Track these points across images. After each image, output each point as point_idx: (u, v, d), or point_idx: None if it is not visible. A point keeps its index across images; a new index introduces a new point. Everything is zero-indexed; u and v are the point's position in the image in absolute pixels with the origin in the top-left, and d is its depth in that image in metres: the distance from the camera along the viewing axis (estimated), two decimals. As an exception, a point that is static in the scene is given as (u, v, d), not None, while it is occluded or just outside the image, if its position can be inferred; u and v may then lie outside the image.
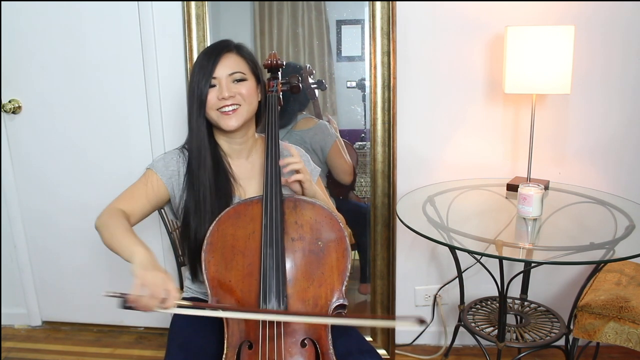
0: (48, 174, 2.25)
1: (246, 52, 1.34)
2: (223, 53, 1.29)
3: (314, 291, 1.19)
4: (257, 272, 1.18)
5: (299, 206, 1.25)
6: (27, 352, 2.26)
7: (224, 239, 1.22)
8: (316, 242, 1.21)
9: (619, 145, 2.01)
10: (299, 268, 1.20)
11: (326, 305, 1.18)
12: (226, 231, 1.22)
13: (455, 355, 2.15)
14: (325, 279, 1.19)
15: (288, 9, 1.97)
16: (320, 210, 1.25)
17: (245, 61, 1.32)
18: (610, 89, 1.96)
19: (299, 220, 1.23)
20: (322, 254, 1.21)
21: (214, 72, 1.27)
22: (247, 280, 1.18)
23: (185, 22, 1.95)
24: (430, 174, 2.05)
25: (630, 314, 1.55)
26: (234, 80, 1.29)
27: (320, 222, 1.23)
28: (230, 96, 1.27)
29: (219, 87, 1.28)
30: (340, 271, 1.20)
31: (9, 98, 2.18)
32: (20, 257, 2.36)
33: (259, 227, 1.21)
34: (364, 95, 1.98)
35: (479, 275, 1.95)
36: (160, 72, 2.06)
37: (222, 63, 1.28)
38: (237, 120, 1.29)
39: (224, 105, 1.27)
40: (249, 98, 1.31)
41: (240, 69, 1.30)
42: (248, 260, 1.20)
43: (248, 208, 1.24)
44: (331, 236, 1.22)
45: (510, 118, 2.01)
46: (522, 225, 1.63)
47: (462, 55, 1.96)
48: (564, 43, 1.68)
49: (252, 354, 1.14)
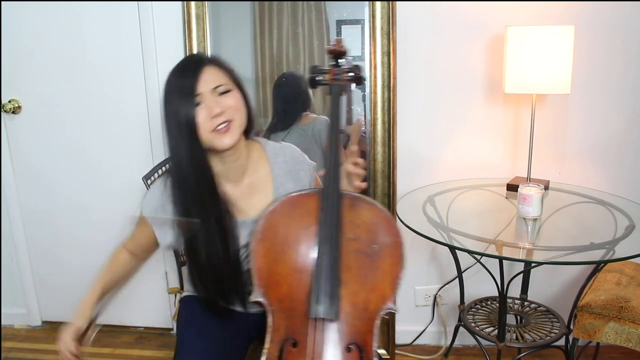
0: (48, 174, 2.25)
1: (222, 62, 1.23)
2: (201, 67, 1.16)
3: (364, 295, 1.12)
4: (309, 268, 1.12)
5: (357, 205, 1.18)
6: (27, 352, 2.26)
7: (275, 230, 1.16)
8: (371, 245, 1.15)
9: (619, 145, 2.01)
10: (353, 270, 1.13)
11: (376, 310, 1.13)
12: (279, 222, 1.16)
13: (455, 355, 2.15)
14: (377, 285, 1.13)
15: (288, 9, 1.97)
16: (379, 212, 1.18)
17: (225, 72, 1.20)
18: (610, 89, 1.96)
19: (356, 219, 1.16)
20: (377, 258, 1.14)
21: (197, 89, 1.14)
22: (297, 275, 1.12)
23: (185, 22, 1.95)
24: (430, 174, 2.05)
25: (630, 314, 1.55)
26: (219, 94, 1.17)
27: (377, 225, 1.17)
28: (221, 112, 1.15)
29: (206, 104, 1.15)
30: (393, 278, 1.14)
31: (9, 98, 2.18)
32: (20, 257, 2.36)
33: (314, 222, 1.14)
34: (364, 95, 1.98)
35: (479, 275, 1.95)
36: (160, 72, 2.06)
37: (203, 78, 1.15)
38: (232, 137, 1.17)
39: (217, 124, 1.15)
40: (239, 110, 1.20)
41: (222, 81, 1.18)
42: (300, 255, 1.13)
43: (304, 200, 1.18)
44: (387, 240, 1.16)
45: (510, 118, 2.01)
46: (522, 225, 1.63)
47: (462, 55, 1.96)
48: (564, 43, 1.68)
49: (296, 352, 1.09)
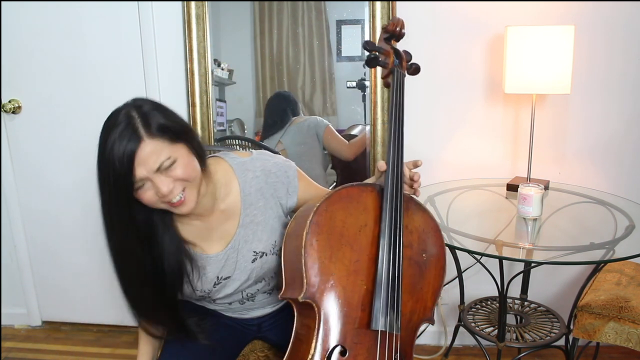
0: (48, 174, 2.25)
1: (157, 126, 1.00)
2: (134, 149, 0.97)
3: (412, 306, 1.08)
4: (365, 271, 1.03)
5: (411, 209, 1.10)
6: (27, 352, 2.26)
7: (332, 223, 1.03)
8: (421, 254, 1.09)
9: (619, 145, 2.01)
10: (405, 279, 1.06)
11: (419, 322, 1.09)
12: (336, 214, 1.04)
13: (455, 355, 2.14)
14: (423, 295, 1.09)
15: (288, 9, 1.97)
16: (430, 219, 1.12)
17: (162, 139, 1.00)
18: (610, 89, 1.96)
19: (410, 225, 1.09)
20: (425, 268, 1.09)
21: (135, 180, 0.99)
22: (352, 277, 1.02)
23: (185, 22, 1.95)
24: (430, 174, 2.04)
25: (630, 314, 1.54)
26: (164, 169, 1.01)
27: (428, 232, 1.11)
28: (169, 190, 1.01)
29: (152, 184, 1.01)
30: (435, 289, 1.10)
31: (9, 98, 2.18)
32: (20, 257, 2.36)
33: (373, 221, 1.05)
34: (364, 95, 1.98)
35: (479, 275, 1.95)
36: (160, 72, 2.06)
37: (139, 161, 0.98)
38: (189, 205, 1.06)
39: (168, 200, 1.03)
40: (190, 174, 1.04)
41: (163, 157, 1.00)
42: (356, 256, 1.03)
43: (362, 194, 1.07)
44: (434, 250, 1.11)
45: (510, 118, 2.01)
46: (522, 225, 1.63)
47: (462, 55, 1.96)
48: (564, 43, 1.67)
49: None
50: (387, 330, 1.01)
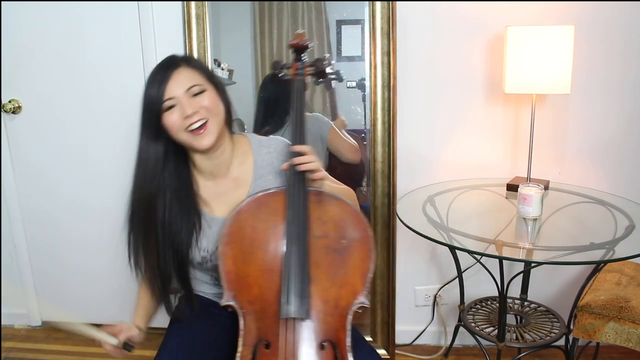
0: (48, 174, 2.25)
1: (196, 62, 1.23)
2: (172, 70, 1.17)
3: (335, 292, 1.14)
4: (278, 268, 1.13)
5: (324, 201, 1.18)
6: (27, 352, 2.26)
7: (242, 231, 1.16)
8: (340, 241, 1.16)
9: (619, 145, 2.01)
10: (322, 267, 1.14)
11: (347, 306, 1.14)
12: (245, 223, 1.16)
13: (455, 355, 2.15)
14: (348, 280, 1.14)
15: (288, 9, 1.97)
16: (346, 207, 1.19)
17: (199, 72, 1.21)
18: (610, 89, 1.96)
19: (323, 216, 1.17)
20: (346, 253, 1.15)
21: (166, 92, 1.16)
22: (267, 276, 1.13)
23: (185, 22, 1.95)
24: (430, 174, 2.05)
25: (630, 314, 1.55)
26: (192, 95, 1.18)
27: (345, 220, 1.17)
28: (194, 112, 1.16)
29: (180, 106, 1.17)
30: (363, 272, 1.15)
31: (9, 98, 2.18)
32: (20, 257, 2.36)
33: (281, 221, 1.15)
34: (364, 95, 1.98)
35: (479, 275, 1.95)
36: (160, 72, 2.06)
37: (174, 80, 1.16)
38: (210, 138, 1.19)
39: (190, 124, 1.16)
40: (214, 109, 1.20)
41: (195, 82, 1.18)
42: (269, 255, 1.14)
43: (270, 200, 1.18)
44: (356, 235, 1.17)
45: (510, 118, 2.01)
46: (522, 225, 1.63)
47: (462, 55, 1.96)
48: (564, 43, 1.68)
49: (270, 354, 1.10)
50: (297, 317, 1.10)
